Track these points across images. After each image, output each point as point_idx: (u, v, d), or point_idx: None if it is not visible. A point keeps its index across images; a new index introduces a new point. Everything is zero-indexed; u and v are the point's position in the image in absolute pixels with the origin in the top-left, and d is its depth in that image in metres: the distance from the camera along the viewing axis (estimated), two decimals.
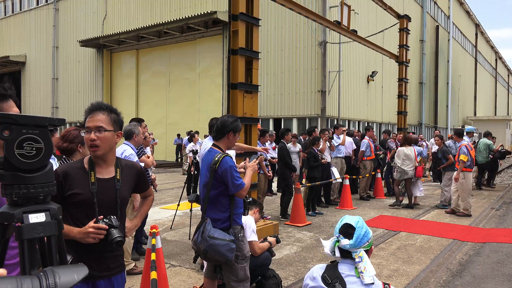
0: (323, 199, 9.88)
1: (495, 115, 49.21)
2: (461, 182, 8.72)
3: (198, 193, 3.46)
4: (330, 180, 9.47)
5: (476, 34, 43.36)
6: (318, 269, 2.25)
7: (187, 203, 6.95)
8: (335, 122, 16.64)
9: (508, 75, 66.03)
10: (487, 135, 13.59)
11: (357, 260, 2.21)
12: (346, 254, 2.23)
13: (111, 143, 2.25)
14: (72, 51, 26.29)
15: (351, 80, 18.78)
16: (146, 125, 6.16)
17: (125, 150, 4.70)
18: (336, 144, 10.02)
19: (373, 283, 2.18)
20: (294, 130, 17.06)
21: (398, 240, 6.70)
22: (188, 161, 11.40)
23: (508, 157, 30.81)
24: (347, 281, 2.17)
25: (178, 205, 7.23)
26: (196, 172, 8.23)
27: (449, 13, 33.29)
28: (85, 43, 23.55)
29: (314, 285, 2.18)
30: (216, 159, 3.20)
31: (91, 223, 2.10)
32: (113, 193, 2.25)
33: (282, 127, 16.86)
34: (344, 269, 2.21)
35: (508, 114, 53.31)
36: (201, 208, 3.32)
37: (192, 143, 13.44)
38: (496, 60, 55.42)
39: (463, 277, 4.94)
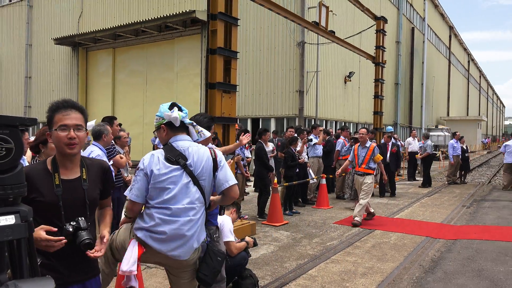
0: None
1: (467, 115, 50.59)
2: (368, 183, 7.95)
3: None
4: (307, 179, 9.56)
5: (450, 36, 44.45)
6: (157, 155, 2.61)
7: None
8: (313, 122, 16.80)
9: (480, 77, 67.96)
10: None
11: (194, 124, 2.70)
12: (180, 130, 2.68)
13: (84, 143, 2.24)
14: (46, 49, 25.69)
15: (328, 81, 18.98)
16: (120, 124, 6.05)
17: (92, 151, 4.58)
18: (313, 144, 10.14)
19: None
20: (272, 130, 17.14)
21: (373, 238, 6.83)
22: None
23: (477, 156, 31.73)
24: (190, 152, 2.62)
25: None
26: None
27: (424, 15, 34.03)
28: (60, 41, 23.04)
29: (161, 169, 2.55)
30: None
31: (43, 234, 1.97)
32: (81, 194, 2.18)
33: (260, 127, 16.92)
34: (182, 144, 2.65)
35: (479, 115, 54.86)
36: None
37: None
38: (468, 62, 56.97)
39: (435, 273, 5.08)
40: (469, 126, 38.15)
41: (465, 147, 15.17)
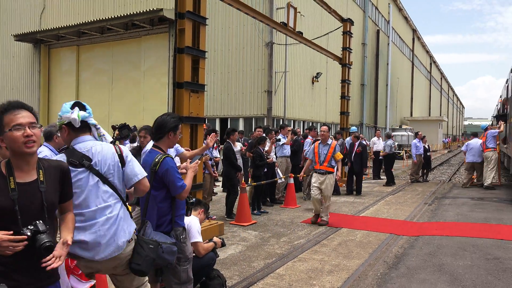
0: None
1: (429, 115, 52.35)
2: (329, 183, 7.77)
3: None
4: (275, 179, 9.63)
5: (413, 39, 45.86)
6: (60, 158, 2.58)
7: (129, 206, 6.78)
8: (281, 122, 16.93)
9: (441, 79, 70.49)
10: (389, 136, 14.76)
11: (98, 126, 2.73)
12: (83, 131, 2.65)
13: (40, 141, 2.16)
14: (6, 46, 24.68)
15: (296, 81, 19.19)
16: None
17: (41, 151, 4.45)
18: (281, 144, 10.23)
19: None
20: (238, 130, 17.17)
21: (339, 236, 6.96)
22: None
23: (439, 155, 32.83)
24: (94, 152, 2.60)
25: None
26: None
27: (389, 18, 34.94)
28: (21, 37, 22.18)
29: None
30: (157, 160, 3.15)
31: (2, 235, 1.90)
32: (38, 197, 2.10)
33: (229, 126, 16.90)
34: (84, 146, 2.62)
35: (440, 115, 56.87)
36: (141, 211, 3.26)
37: (130, 144, 13.17)
38: (430, 64, 58.97)
39: (399, 269, 5.23)
40: (431, 126, 39.48)
41: (427, 146, 15.69)
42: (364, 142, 13.12)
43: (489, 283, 4.71)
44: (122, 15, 18.90)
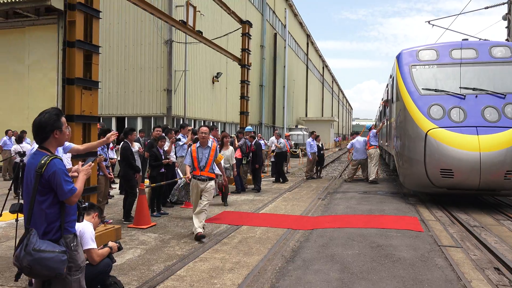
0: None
1: (322, 116, 55.98)
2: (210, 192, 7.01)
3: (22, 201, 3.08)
4: (176, 179, 9.47)
5: (308, 44, 48.56)
6: None
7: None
8: (181, 121, 16.71)
9: (333, 82, 75.81)
10: (279, 135, 15.80)
11: None
12: None
13: None
14: None
15: (197, 80, 19.08)
16: None
17: None
18: (181, 144, 10.09)
19: None
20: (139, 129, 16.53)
21: (240, 233, 7.09)
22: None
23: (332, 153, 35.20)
24: None
25: (0, 215, 6.31)
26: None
27: (286, 22, 36.52)
28: None
29: None
30: (43, 162, 2.87)
31: None
32: None
33: (126, 126, 16.19)
34: None
35: (332, 116, 61.12)
36: (24, 218, 2.95)
37: (16, 145, 12.01)
38: (323, 68, 63.08)
39: (295, 261, 5.50)
40: (323, 126, 42.22)
41: (320, 145, 16.74)
42: (261, 141, 13.57)
43: (373, 268, 5.19)
44: (1, 2, 16.97)
